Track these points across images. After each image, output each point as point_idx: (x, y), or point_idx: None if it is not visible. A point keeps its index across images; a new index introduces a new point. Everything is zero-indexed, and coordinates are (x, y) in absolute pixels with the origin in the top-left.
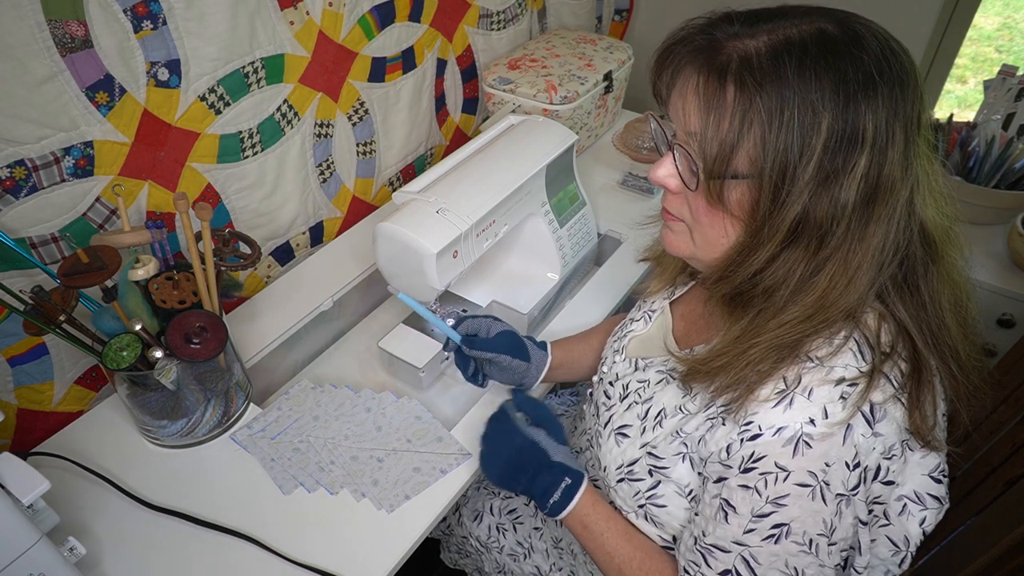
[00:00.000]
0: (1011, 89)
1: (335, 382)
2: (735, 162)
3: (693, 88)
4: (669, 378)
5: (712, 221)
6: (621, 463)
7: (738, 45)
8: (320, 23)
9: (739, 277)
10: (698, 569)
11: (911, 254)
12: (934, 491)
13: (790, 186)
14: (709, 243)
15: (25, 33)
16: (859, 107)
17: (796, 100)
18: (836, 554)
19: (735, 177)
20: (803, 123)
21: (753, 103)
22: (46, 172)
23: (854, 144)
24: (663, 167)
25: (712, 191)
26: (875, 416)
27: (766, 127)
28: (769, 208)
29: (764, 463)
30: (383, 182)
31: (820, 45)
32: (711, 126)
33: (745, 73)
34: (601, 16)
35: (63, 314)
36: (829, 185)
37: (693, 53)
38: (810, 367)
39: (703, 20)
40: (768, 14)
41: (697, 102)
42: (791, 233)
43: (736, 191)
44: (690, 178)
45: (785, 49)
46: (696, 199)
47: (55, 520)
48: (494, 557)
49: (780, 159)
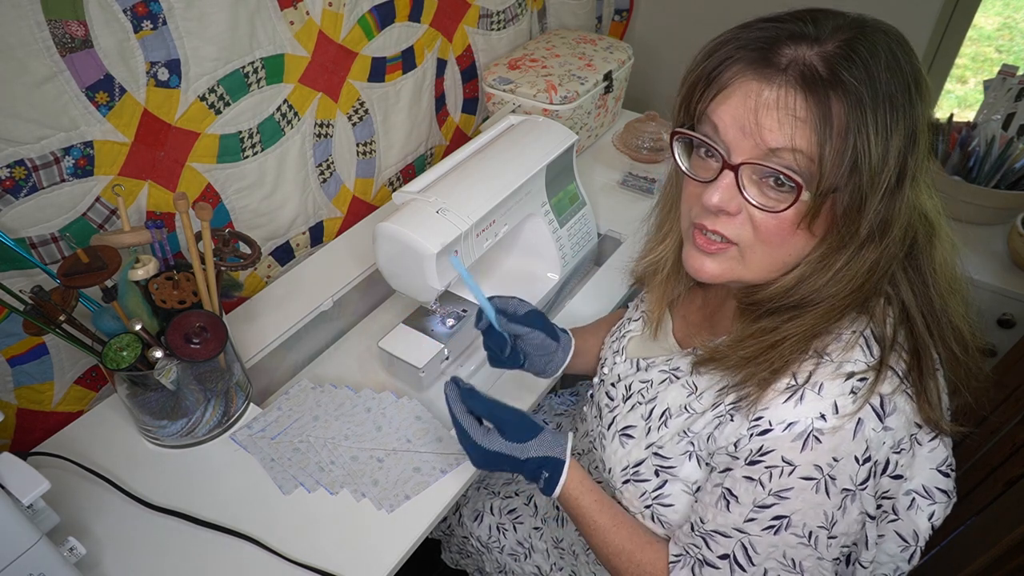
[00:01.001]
0: (1011, 89)
1: (335, 382)
2: (844, 175)
3: (786, 103)
4: (672, 377)
5: (786, 240)
6: (627, 464)
7: (811, 52)
8: (320, 23)
9: (808, 289)
10: (698, 551)
11: (916, 237)
12: (942, 485)
13: (880, 191)
14: (772, 263)
15: (25, 33)
16: (916, 107)
17: (887, 104)
18: (836, 548)
19: (835, 191)
20: (891, 127)
21: (863, 112)
22: (46, 172)
23: (913, 142)
24: (723, 191)
25: (815, 209)
26: (885, 409)
27: (872, 135)
28: (859, 217)
29: (771, 457)
30: (383, 182)
31: (886, 49)
32: (826, 141)
33: (846, 81)
34: (601, 16)
35: (63, 314)
36: (902, 184)
37: (752, 64)
38: (820, 362)
39: (740, 28)
40: (805, 18)
41: (802, 117)
42: (868, 237)
43: (832, 206)
44: (777, 198)
45: (868, 53)
46: (772, 219)
47: (55, 520)
48: (495, 557)
49: (877, 166)
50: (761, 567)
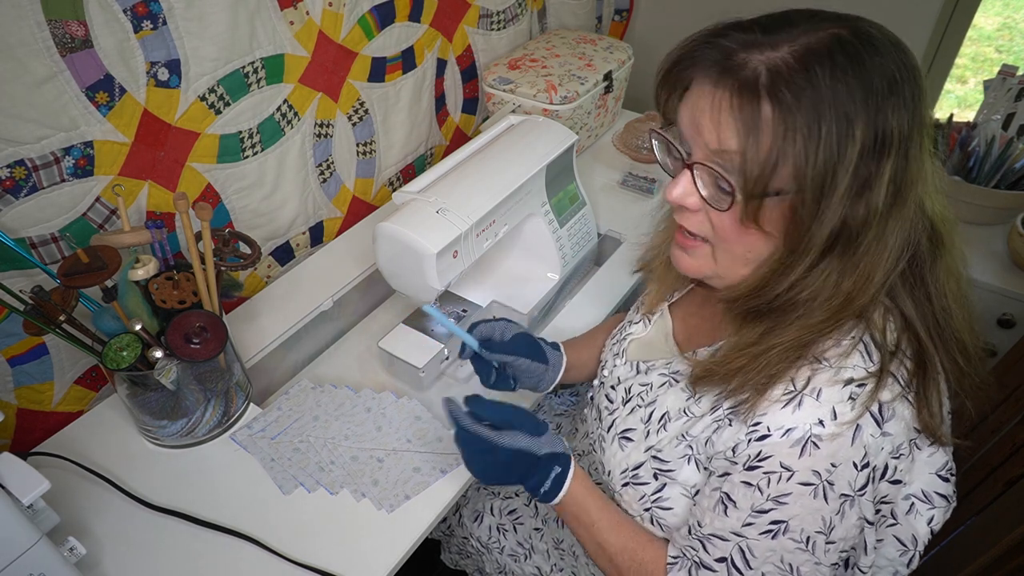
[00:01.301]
0: (1011, 89)
1: (335, 382)
2: (776, 179)
3: (722, 106)
4: (672, 381)
5: (739, 239)
6: (626, 467)
7: (760, 58)
8: (320, 23)
9: (772, 292)
10: (696, 554)
11: (920, 248)
12: (942, 489)
13: (829, 198)
14: (735, 261)
15: (25, 33)
16: (886, 112)
17: (831, 112)
18: (834, 553)
19: (776, 194)
20: (840, 134)
21: (794, 119)
22: (46, 172)
23: (883, 150)
24: (680, 186)
25: (749, 210)
26: (884, 416)
27: (807, 142)
28: (808, 221)
29: (769, 463)
30: (383, 182)
31: (844, 52)
32: (751, 145)
33: (781, 88)
34: (601, 16)
35: (63, 314)
36: (864, 192)
37: (709, 67)
38: (819, 368)
39: (709, 32)
40: (776, 23)
41: (732, 121)
42: (828, 243)
43: (774, 208)
44: (718, 197)
45: (815, 59)
46: (722, 217)
47: (55, 520)
48: (495, 558)
49: (820, 172)
50: (758, 571)
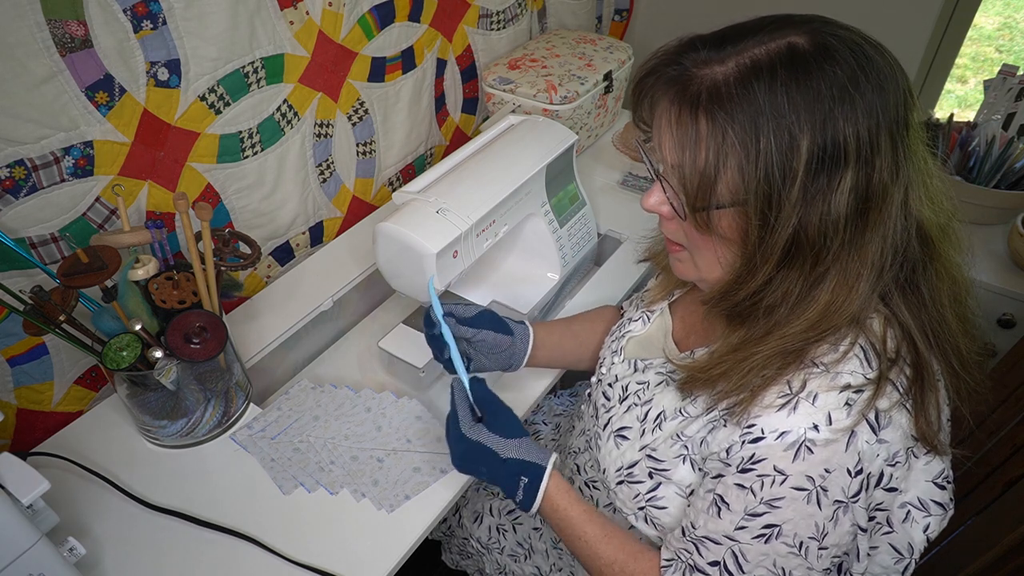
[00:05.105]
0: (1011, 89)
1: (335, 382)
2: (716, 193)
3: (667, 121)
4: (669, 380)
5: (705, 245)
6: (621, 465)
7: (707, 74)
8: (320, 23)
9: (738, 297)
10: (689, 557)
11: (910, 254)
12: (938, 497)
13: (777, 211)
14: (710, 264)
15: (25, 33)
16: (837, 123)
17: (771, 126)
18: (826, 558)
19: (719, 207)
20: (781, 148)
21: (726, 135)
22: (46, 172)
23: (838, 160)
24: (653, 195)
25: (700, 221)
26: (880, 423)
27: (742, 157)
28: (759, 233)
29: (763, 465)
30: (383, 182)
31: (789, 65)
32: (688, 161)
33: (714, 104)
34: (601, 16)
35: (63, 314)
36: (817, 204)
37: (666, 84)
38: (816, 373)
39: (672, 48)
40: (737, 33)
41: (671, 136)
42: (786, 254)
43: (724, 218)
44: (680, 206)
45: (753, 74)
46: (688, 225)
47: (55, 520)
48: (495, 558)
49: (762, 186)
50: (751, 575)
